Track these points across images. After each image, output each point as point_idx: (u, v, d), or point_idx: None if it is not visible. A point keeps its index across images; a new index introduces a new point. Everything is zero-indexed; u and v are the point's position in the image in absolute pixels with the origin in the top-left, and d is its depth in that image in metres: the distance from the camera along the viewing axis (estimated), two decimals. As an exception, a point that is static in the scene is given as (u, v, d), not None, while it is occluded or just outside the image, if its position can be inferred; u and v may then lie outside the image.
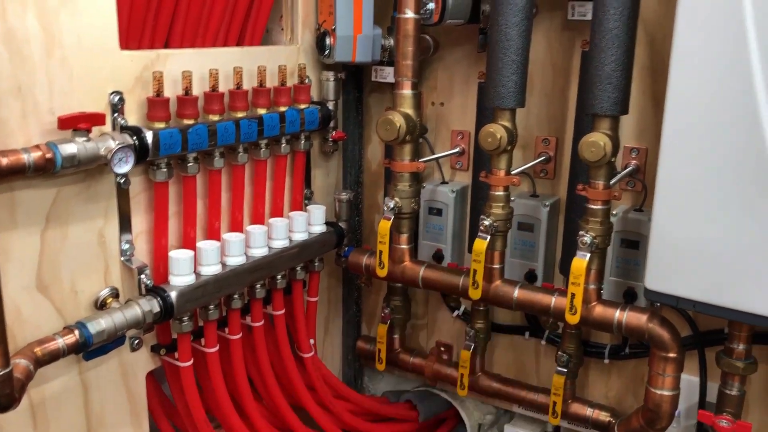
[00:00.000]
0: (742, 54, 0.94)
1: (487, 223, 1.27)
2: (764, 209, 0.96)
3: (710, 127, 0.98)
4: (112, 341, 1.08)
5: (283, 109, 1.33)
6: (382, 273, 1.41)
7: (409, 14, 1.29)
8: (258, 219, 1.36)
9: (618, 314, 1.21)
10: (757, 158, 0.95)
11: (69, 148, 0.97)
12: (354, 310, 1.73)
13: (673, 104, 1.01)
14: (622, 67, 1.11)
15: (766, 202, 0.95)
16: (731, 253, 1.00)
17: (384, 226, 1.37)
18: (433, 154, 1.54)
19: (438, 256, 1.54)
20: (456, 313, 1.61)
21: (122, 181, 1.10)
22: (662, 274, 1.07)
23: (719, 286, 1.02)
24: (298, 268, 1.44)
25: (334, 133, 1.51)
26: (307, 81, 1.41)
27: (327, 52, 1.41)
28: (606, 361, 1.44)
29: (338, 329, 1.74)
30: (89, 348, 1.04)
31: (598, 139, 1.12)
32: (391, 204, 1.37)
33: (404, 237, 1.42)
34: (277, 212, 1.41)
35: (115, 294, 1.13)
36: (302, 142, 1.42)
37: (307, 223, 1.43)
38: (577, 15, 1.31)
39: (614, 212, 1.31)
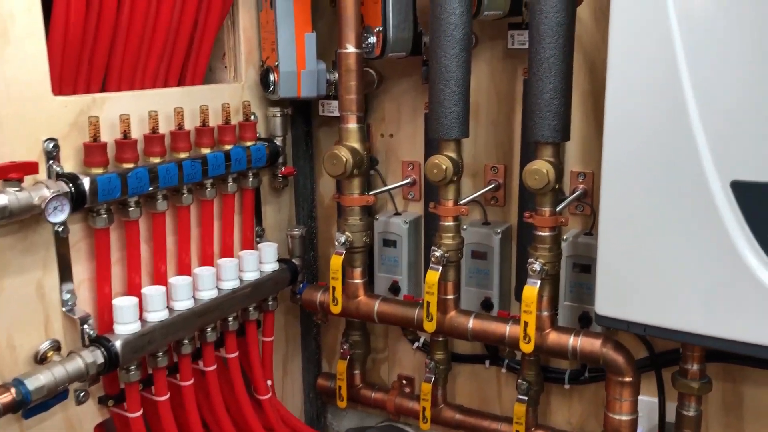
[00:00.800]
0: (673, 79, 0.95)
1: (438, 254, 1.26)
2: (704, 232, 0.96)
3: (648, 153, 0.99)
4: (53, 396, 1.04)
5: (228, 147, 1.32)
6: (336, 309, 1.39)
7: (351, 49, 1.28)
8: (207, 260, 1.34)
9: (572, 340, 1.21)
10: (694, 183, 0.95)
11: (-1, 200, 0.94)
12: (313, 346, 1.70)
13: (611, 130, 1.02)
14: (560, 94, 1.12)
15: (705, 225, 0.96)
16: (676, 276, 1.00)
17: (336, 261, 1.35)
18: (385, 185, 1.53)
19: (394, 288, 1.52)
20: (416, 345, 1.59)
21: (60, 229, 1.07)
22: (611, 299, 1.07)
23: (667, 309, 1.02)
24: (251, 308, 1.41)
25: (283, 168, 1.50)
26: (252, 118, 1.40)
27: (271, 88, 1.40)
28: (566, 386, 1.43)
29: (298, 367, 1.71)
30: (28, 406, 1.00)
31: (540, 167, 1.12)
32: (342, 239, 1.35)
33: (358, 271, 1.40)
34: (227, 252, 1.39)
35: (56, 347, 1.09)
36: (250, 179, 1.40)
37: (259, 261, 1.40)
38: (517, 44, 1.32)
39: (565, 237, 1.31)
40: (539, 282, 1.18)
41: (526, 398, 1.36)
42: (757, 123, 0.92)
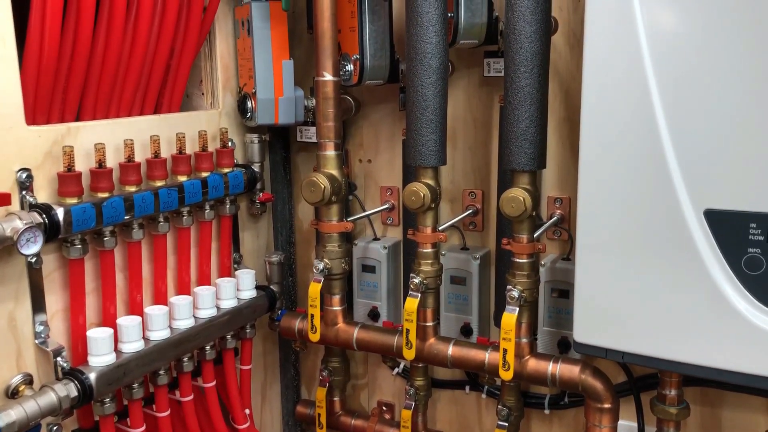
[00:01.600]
0: (646, 109, 0.96)
1: (417, 281, 1.26)
2: (678, 260, 0.97)
3: (622, 182, 1.00)
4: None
5: (205, 174, 1.31)
6: (315, 338, 1.38)
7: (328, 77, 1.29)
8: (184, 288, 1.32)
9: (551, 367, 1.21)
10: (669, 211, 0.96)
11: (-31, 232, 0.93)
12: (292, 373, 1.69)
13: (586, 159, 1.02)
14: (536, 123, 1.12)
15: (680, 253, 0.97)
16: (652, 303, 1.00)
17: (314, 289, 1.34)
18: (364, 210, 1.53)
19: (374, 314, 1.51)
20: (396, 371, 1.58)
21: (33, 260, 1.06)
22: (589, 326, 1.07)
23: (645, 337, 1.02)
24: (229, 337, 1.39)
25: (261, 195, 1.49)
26: (230, 144, 1.40)
27: (249, 115, 1.40)
28: (546, 411, 1.43)
29: (277, 394, 1.69)
30: (-2, 442, 0.98)
31: (517, 195, 1.13)
32: (321, 266, 1.35)
33: (336, 298, 1.40)
34: (204, 280, 1.37)
35: (28, 380, 1.07)
36: (228, 206, 1.39)
37: (236, 288, 1.39)
38: (493, 72, 1.33)
39: (543, 262, 1.31)
40: (517, 309, 1.18)
41: (507, 424, 1.36)
42: (729, 152, 0.93)
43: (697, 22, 0.93)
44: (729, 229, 0.94)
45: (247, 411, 1.47)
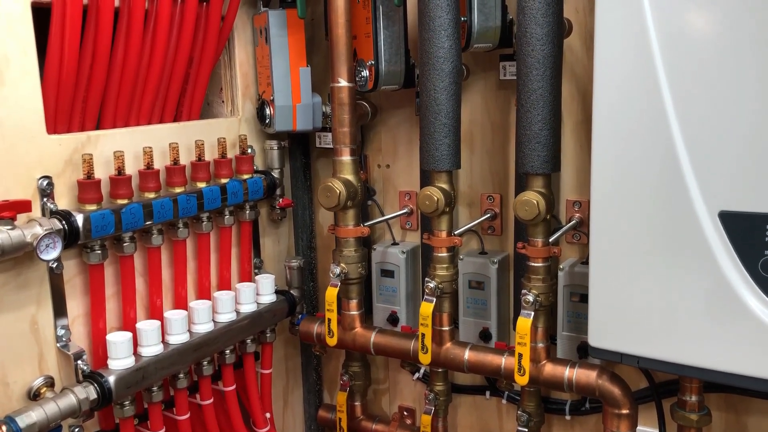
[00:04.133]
0: (659, 111, 0.95)
1: (432, 285, 1.26)
2: (693, 263, 0.95)
3: (635, 185, 0.98)
4: (46, 433, 1.05)
5: (224, 181, 1.33)
6: (332, 342, 1.38)
7: (343, 83, 1.30)
8: (203, 293, 1.34)
9: (568, 372, 1.19)
10: (683, 214, 0.95)
11: (-9, 239, 0.95)
12: (314, 378, 1.70)
13: (598, 162, 1.01)
14: (549, 126, 1.12)
15: (695, 256, 0.95)
16: (667, 307, 0.99)
17: (331, 293, 1.35)
18: (383, 215, 1.54)
19: (393, 319, 1.51)
20: (416, 375, 1.58)
21: (54, 265, 1.08)
22: (604, 331, 1.06)
23: (660, 341, 1.01)
24: (249, 341, 1.41)
25: (281, 200, 1.51)
26: (249, 151, 1.41)
27: (267, 121, 1.42)
28: (567, 417, 1.41)
29: (299, 399, 1.70)
30: (19, 443, 1.00)
31: (531, 198, 1.12)
32: (337, 270, 1.36)
33: (353, 303, 1.40)
34: (225, 284, 1.39)
35: (50, 383, 1.10)
36: (247, 211, 1.41)
37: (256, 293, 1.41)
38: (509, 75, 1.32)
39: (561, 266, 1.30)
40: (533, 313, 1.17)
41: (527, 429, 1.35)
42: (742, 153, 0.91)
43: (709, 21, 0.91)
44: (744, 231, 0.92)
45: (268, 415, 1.49)
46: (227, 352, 1.36)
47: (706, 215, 0.94)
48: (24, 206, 1.02)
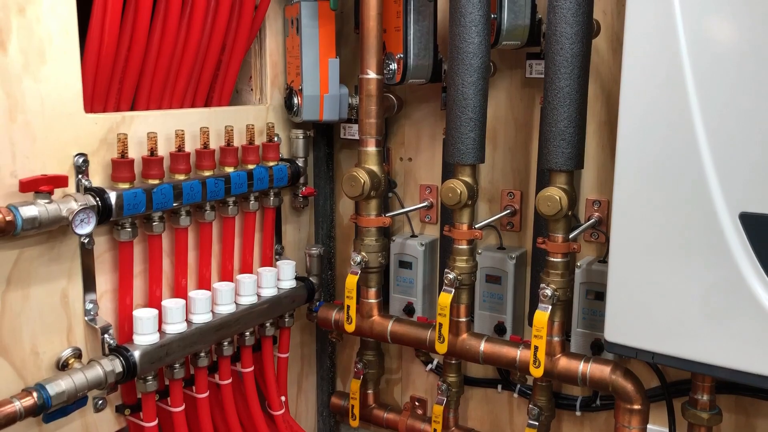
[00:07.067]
0: (684, 113, 0.97)
1: (451, 276, 1.29)
2: (712, 263, 0.97)
3: (658, 184, 1.00)
4: (73, 402, 1.08)
5: (251, 167, 1.35)
6: (350, 328, 1.41)
7: (372, 75, 1.32)
8: (226, 276, 1.37)
9: (582, 366, 1.21)
10: (704, 214, 0.97)
11: (30, 211, 0.98)
12: (328, 365, 1.72)
13: (623, 161, 1.03)
14: (574, 123, 1.14)
15: (714, 256, 0.97)
16: (684, 305, 1.01)
17: (351, 281, 1.38)
18: (403, 207, 1.56)
19: (409, 310, 1.54)
20: (429, 366, 1.61)
21: (86, 241, 1.11)
22: (620, 326, 1.08)
23: (675, 338, 1.03)
24: (268, 324, 1.44)
25: (304, 189, 1.54)
26: (276, 139, 1.44)
27: (295, 110, 1.44)
28: (578, 413, 1.43)
29: (312, 385, 1.73)
30: (48, 410, 1.03)
31: (554, 194, 1.14)
32: (358, 258, 1.38)
33: (372, 291, 1.43)
34: (247, 268, 1.42)
35: (77, 354, 1.13)
36: (272, 198, 1.44)
37: (277, 278, 1.44)
38: (535, 73, 1.35)
39: (579, 264, 1.32)
40: (550, 307, 1.19)
41: (537, 423, 1.37)
42: (764, 156, 0.93)
43: (736, 26, 0.93)
44: (764, 232, 0.94)
45: (283, 398, 1.51)
46: (247, 334, 1.38)
47: (727, 216, 0.96)
48: (61, 181, 1.05)
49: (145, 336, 1.16)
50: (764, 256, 0.95)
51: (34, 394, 1.01)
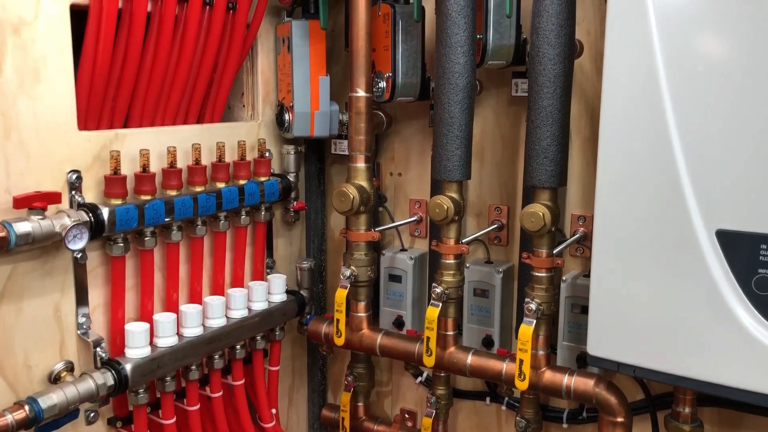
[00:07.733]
0: (662, 132, 0.99)
1: (438, 290, 1.31)
2: (690, 278, 1.00)
3: (637, 201, 1.03)
4: (64, 415, 1.09)
5: (242, 182, 1.38)
6: (340, 342, 1.43)
7: (361, 93, 1.35)
8: (218, 289, 1.39)
9: (566, 379, 1.23)
10: (682, 231, 0.99)
11: (23, 227, 1.01)
12: (319, 377, 1.74)
13: (602, 178, 1.06)
14: (557, 141, 1.16)
15: (692, 272, 0.99)
16: (664, 320, 1.03)
17: (340, 294, 1.40)
18: (393, 222, 1.58)
19: (399, 323, 1.56)
20: (419, 379, 1.62)
21: (79, 256, 1.13)
22: (602, 340, 1.10)
23: (656, 352, 1.05)
24: (259, 338, 1.46)
25: (295, 203, 1.56)
26: (267, 154, 1.47)
27: (286, 126, 1.47)
28: (565, 425, 1.45)
29: (303, 398, 1.74)
30: (40, 423, 1.05)
31: (537, 210, 1.17)
32: (347, 272, 1.40)
33: (362, 305, 1.45)
34: (238, 282, 1.44)
35: (70, 367, 1.15)
36: (263, 213, 1.46)
37: (267, 292, 1.46)
38: (521, 92, 1.37)
39: (564, 278, 1.34)
40: (535, 321, 1.22)
41: (524, 436, 1.39)
42: (741, 174, 0.96)
43: (712, 46, 0.96)
44: (740, 249, 0.97)
45: (274, 411, 1.53)
46: (238, 347, 1.40)
47: (704, 233, 0.99)
48: (54, 198, 1.07)
49: (136, 349, 1.18)
50: (740, 272, 0.97)
51: (26, 407, 1.03)
